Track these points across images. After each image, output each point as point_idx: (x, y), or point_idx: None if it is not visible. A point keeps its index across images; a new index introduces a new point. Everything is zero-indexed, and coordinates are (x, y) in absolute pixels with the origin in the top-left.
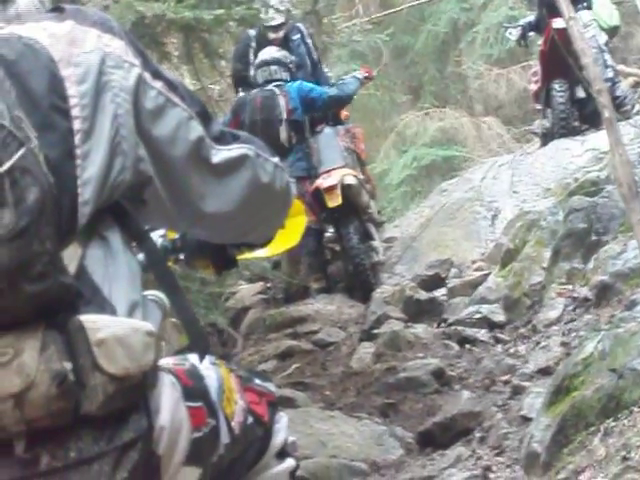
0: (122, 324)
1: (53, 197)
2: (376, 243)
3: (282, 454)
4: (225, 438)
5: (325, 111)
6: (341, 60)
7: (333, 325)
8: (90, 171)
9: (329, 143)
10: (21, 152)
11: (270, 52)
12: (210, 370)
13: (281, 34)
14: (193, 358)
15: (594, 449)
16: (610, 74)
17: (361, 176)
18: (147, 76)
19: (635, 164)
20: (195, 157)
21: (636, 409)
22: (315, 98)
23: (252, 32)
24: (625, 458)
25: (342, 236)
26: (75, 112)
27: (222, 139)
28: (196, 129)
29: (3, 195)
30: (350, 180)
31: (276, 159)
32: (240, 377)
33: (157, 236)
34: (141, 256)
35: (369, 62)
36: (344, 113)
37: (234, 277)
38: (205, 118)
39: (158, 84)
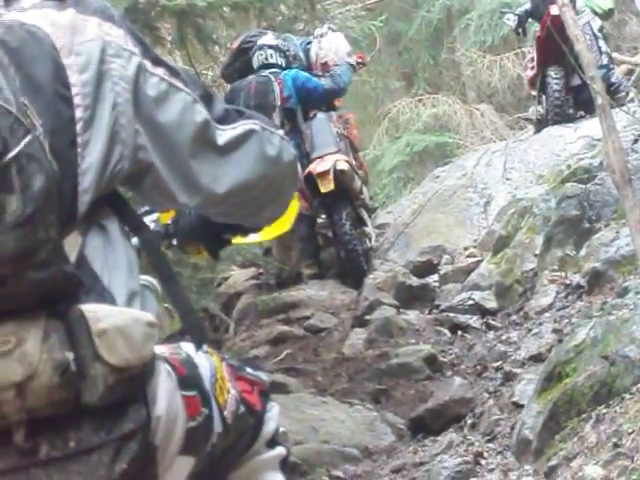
0: (123, 314)
1: (57, 185)
2: (368, 229)
3: (273, 443)
4: (218, 427)
5: (320, 103)
6: None
7: (325, 311)
8: (90, 159)
9: (322, 129)
10: (27, 139)
11: (267, 38)
12: (203, 359)
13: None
14: (187, 346)
15: (585, 436)
16: (605, 61)
17: (354, 162)
18: (147, 64)
19: (628, 151)
20: (202, 140)
21: (627, 396)
22: (310, 90)
23: None
24: (616, 445)
25: (334, 222)
26: (77, 100)
27: (227, 118)
28: (201, 112)
29: (10, 181)
30: (343, 166)
31: (281, 132)
32: (232, 366)
33: (149, 221)
34: (135, 240)
35: (362, 48)
36: (337, 99)
37: (226, 263)
38: (208, 100)
39: (159, 71)
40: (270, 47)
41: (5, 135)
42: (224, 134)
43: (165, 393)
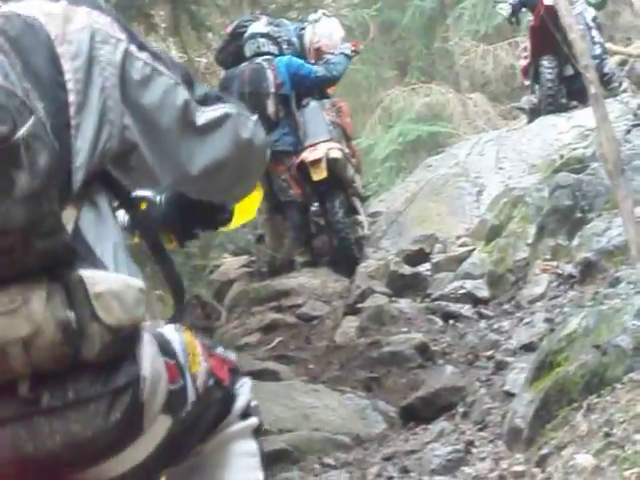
0: (118, 279)
1: (58, 162)
2: (361, 217)
3: (245, 415)
4: (192, 396)
5: (313, 90)
6: None
7: (317, 299)
8: (82, 140)
9: (315, 117)
10: (32, 120)
11: (259, 26)
12: (174, 334)
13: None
14: (160, 325)
15: (577, 425)
16: (598, 51)
17: (346, 150)
18: (133, 49)
19: (621, 141)
20: (182, 121)
21: (619, 385)
22: (304, 76)
23: None
24: (608, 434)
25: (327, 210)
26: (70, 86)
27: (206, 101)
28: (182, 94)
29: (19, 158)
30: (335, 154)
31: (255, 117)
32: (204, 345)
33: (122, 214)
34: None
35: (356, 37)
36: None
37: (218, 250)
38: (189, 83)
39: (144, 55)
40: (262, 36)
41: (14, 115)
42: (203, 115)
43: (148, 356)
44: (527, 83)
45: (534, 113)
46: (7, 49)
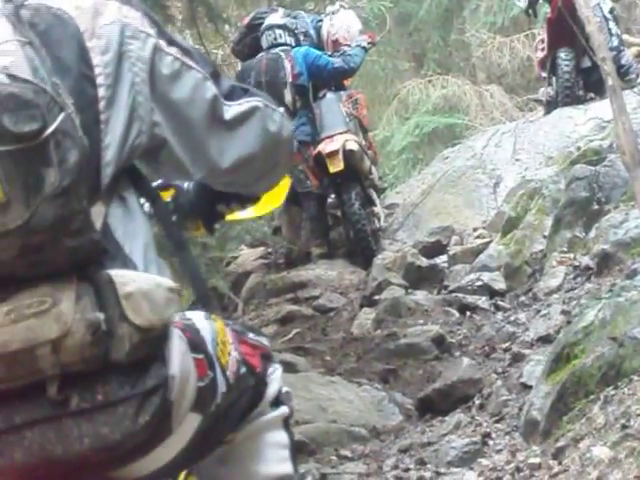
0: (147, 279)
1: (88, 159)
2: (377, 209)
3: (276, 403)
4: (222, 387)
5: (330, 81)
6: None
7: (334, 291)
8: (111, 136)
9: (332, 108)
10: (62, 116)
11: (275, 18)
12: (205, 323)
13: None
14: (190, 313)
15: (594, 417)
16: (615, 42)
17: (363, 142)
18: (162, 44)
19: (638, 133)
20: (211, 115)
21: (636, 377)
22: (321, 67)
23: None
24: (624, 426)
25: (344, 202)
26: (100, 80)
27: (233, 94)
28: (211, 89)
29: (49, 156)
30: (352, 146)
31: (282, 109)
32: (235, 331)
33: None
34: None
35: (372, 29)
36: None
37: (235, 242)
38: (217, 78)
39: (173, 50)
40: (279, 27)
41: (44, 112)
42: (230, 109)
43: (178, 354)
44: (544, 75)
45: (551, 105)
46: (37, 44)
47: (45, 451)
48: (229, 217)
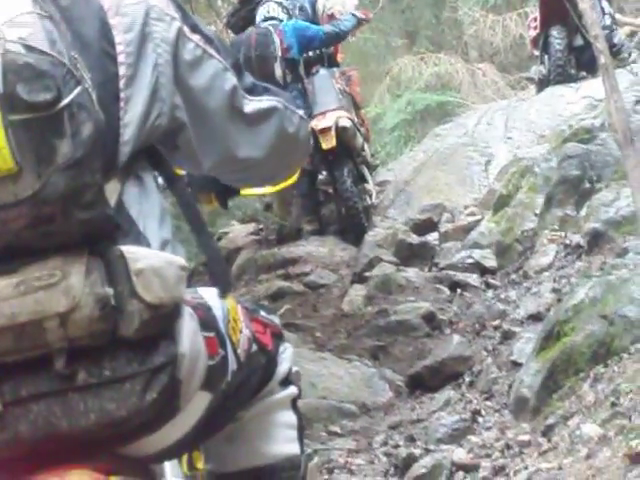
0: (159, 256)
1: (103, 134)
2: (369, 186)
3: (286, 382)
4: (233, 365)
5: (322, 48)
6: None
7: (325, 267)
8: (131, 114)
9: (324, 85)
10: (78, 89)
11: None
12: (216, 301)
13: None
14: (202, 290)
15: (583, 395)
16: (608, 21)
17: (356, 119)
18: (186, 29)
19: (630, 112)
20: (229, 106)
21: (626, 356)
22: (311, 37)
23: None
24: (614, 404)
25: (335, 178)
26: (121, 58)
27: (253, 90)
28: (231, 80)
29: (62, 127)
30: (345, 122)
31: (301, 112)
32: (247, 308)
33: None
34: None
35: (366, 6)
36: (340, 55)
37: (226, 217)
38: (238, 70)
39: (196, 37)
40: (274, 1)
41: (59, 84)
42: (251, 104)
43: (189, 332)
44: (536, 53)
45: (543, 83)
46: (58, 19)
47: (50, 425)
48: (244, 192)
